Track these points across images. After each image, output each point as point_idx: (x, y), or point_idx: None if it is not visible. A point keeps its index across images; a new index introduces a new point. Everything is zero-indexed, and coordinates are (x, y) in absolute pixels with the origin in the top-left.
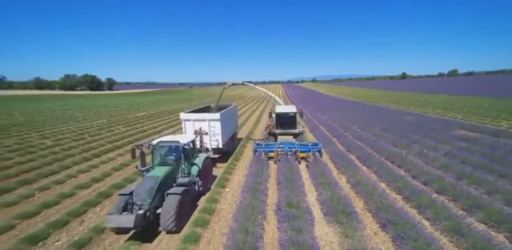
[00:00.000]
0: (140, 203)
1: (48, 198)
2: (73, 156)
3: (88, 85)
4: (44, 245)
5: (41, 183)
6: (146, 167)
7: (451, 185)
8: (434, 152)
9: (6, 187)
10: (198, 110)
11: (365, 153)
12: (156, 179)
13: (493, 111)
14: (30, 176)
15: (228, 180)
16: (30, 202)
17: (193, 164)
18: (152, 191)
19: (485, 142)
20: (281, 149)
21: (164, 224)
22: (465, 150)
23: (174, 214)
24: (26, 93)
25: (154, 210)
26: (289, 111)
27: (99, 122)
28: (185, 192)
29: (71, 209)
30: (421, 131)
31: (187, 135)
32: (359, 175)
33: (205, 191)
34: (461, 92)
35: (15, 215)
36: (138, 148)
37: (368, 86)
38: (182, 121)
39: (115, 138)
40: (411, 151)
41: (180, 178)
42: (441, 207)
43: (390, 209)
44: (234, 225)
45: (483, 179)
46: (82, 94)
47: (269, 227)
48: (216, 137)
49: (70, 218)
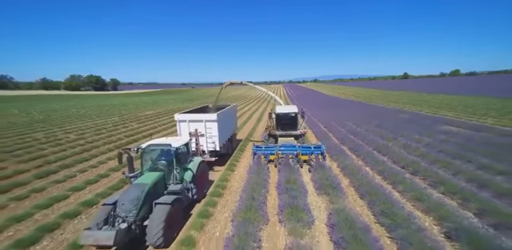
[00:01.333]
0: (124, 214)
1: (89, 177)
2: (98, 147)
3: (93, 85)
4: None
5: (78, 167)
6: (134, 173)
7: (424, 168)
8: (416, 143)
9: (51, 170)
10: (195, 111)
11: (356, 144)
12: (143, 186)
13: (483, 110)
14: (67, 162)
15: (224, 188)
16: (74, 180)
17: (186, 169)
18: (138, 201)
19: (463, 135)
20: (281, 151)
21: (151, 239)
22: (444, 142)
23: (162, 227)
24: (34, 93)
25: (140, 222)
26: (289, 112)
27: (113, 120)
28: (176, 202)
29: (110, 185)
30: (410, 127)
31: (181, 138)
32: (348, 161)
33: (200, 198)
34: (459, 92)
35: (67, 188)
36: (126, 152)
37: (369, 86)
38: (177, 122)
39: (131, 133)
40: (396, 143)
41: (172, 185)
42: (410, 184)
43: (369, 185)
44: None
45: (452, 163)
46: (89, 94)
47: (271, 198)
48: (213, 139)
49: (112, 191)
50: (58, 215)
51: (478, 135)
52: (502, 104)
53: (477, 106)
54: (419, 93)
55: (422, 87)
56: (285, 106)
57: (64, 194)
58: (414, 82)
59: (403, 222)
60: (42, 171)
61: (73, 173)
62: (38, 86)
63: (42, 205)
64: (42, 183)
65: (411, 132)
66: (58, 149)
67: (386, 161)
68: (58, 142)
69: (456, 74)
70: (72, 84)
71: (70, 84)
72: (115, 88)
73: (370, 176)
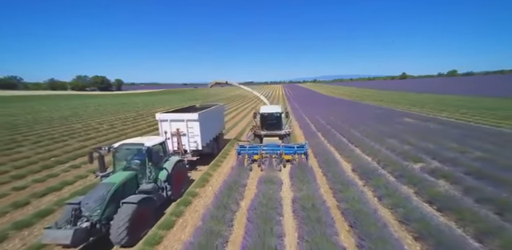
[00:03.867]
0: (88, 214)
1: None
2: (129, 133)
3: (98, 85)
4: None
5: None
6: (105, 173)
7: (364, 142)
8: (371, 129)
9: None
10: (180, 110)
11: (327, 131)
12: (110, 186)
13: (449, 106)
14: (111, 141)
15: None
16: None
17: (162, 169)
18: (103, 201)
19: (412, 124)
20: (265, 151)
21: (115, 238)
22: (393, 128)
23: (126, 226)
24: (44, 93)
25: (106, 221)
26: (274, 111)
27: (131, 115)
28: (144, 201)
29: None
30: (378, 119)
31: (155, 137)
32: (317, 140)
33: (177, 197)
34: (445, 91)
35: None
36: (96, 151)
37: (365, 86)
38: (159, 121)
39: (151, 124)
40: (358, 129)
41: (144, 184)
42: (350, 150)
43: (326, 153)
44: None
45: (385, 140)
46: (95, 94)
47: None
48: (195, 138)
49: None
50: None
51: (422, 124)
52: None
53: (449, 104)
54: (407, 92)
55: (414, 87)
56: (269, 106)
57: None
58: (410, 83)
59: (334, 164)
60: (98, 145)
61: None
62: (46, 87)
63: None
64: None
65: (375, 123)
66: (100, 134)
67: (343, 139)
68: (97, 130)
69: (453, 75)
70: (78, 84)
71: (77, 84)
72: (119, 88)
73: (327, 147)
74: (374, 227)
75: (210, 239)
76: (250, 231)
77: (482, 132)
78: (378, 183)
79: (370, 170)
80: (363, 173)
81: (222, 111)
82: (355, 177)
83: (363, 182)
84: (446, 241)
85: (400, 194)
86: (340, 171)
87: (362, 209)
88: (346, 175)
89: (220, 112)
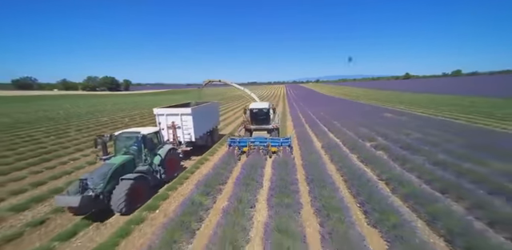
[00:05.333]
0: (93, 186)
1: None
2: (147, 124)
3: (107, 86)
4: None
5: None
6: (107, 156)
7: (344, 133)
8: (353, 122)
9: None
10: (178, 106)
11: (314, 123)
12: (111, 165)
13: (435, 104)
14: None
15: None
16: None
17: (156, 154)
18: (105, 177)
19: (389, 118)
20: (253, 144)
21: (115, 205)
22: (372, 121)
23: (124, 196)
24: (58, 93)
25: (108, 194)
26: (262, 107)
27: (146, 111)
28: (139, 178)
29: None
30: (362, 115)
31: (151, 128)
32: (303, 129)
33: (169, 179)
34: (441, 91)
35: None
36: (100, 138)
37: (366, 86)
38: (156, 116)
39: None
40: (341, 122)
41: (140, 166)
42: (329, 138)
43: (306, 137)
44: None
45: (363, 131)
46: (106, 94)
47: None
48: (188, 131)
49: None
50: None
51: (397, 118)
52: (457, 100)
53: (434, 103)
54: (404, 92)
55: (413, 87)
56: (258, 102)
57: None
58: (412, 83)
59: (309, 143)
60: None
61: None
62: (58, 87)
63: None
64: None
65: (357, 117)
66: (125, 125)
67: (324, 128)
68: (121, 122)
69: (458, 75)
70: (89, 85)
71: (87, 85)
72: (127, 88)
73: (309, 134)
74: (320, 173)
75: (209, 191)
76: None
77: (436, 123)
78: (334, 152)
79: (333, 146)
80: (328, 148)
81: (217, 108)
82: (321, 150)
83: (325, 152)
84: (361, 178)
85: (346, 157)
86: (312, 146)
87: (317, 164)
88: (315, 149)
89: (215, 108)
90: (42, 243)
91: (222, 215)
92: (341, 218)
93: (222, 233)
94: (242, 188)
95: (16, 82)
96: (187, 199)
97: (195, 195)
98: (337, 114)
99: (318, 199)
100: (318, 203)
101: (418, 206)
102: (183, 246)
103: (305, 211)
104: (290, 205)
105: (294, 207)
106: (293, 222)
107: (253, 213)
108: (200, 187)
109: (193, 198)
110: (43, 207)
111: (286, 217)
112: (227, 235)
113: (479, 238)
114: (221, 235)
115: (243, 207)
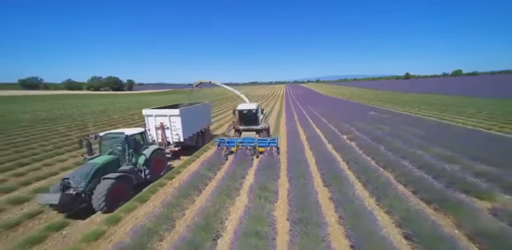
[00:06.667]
0: (75, 185)
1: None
2: None
3: (111, 86)
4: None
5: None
6: (92, 156)
7: (327, 127)
8: (337, 118)
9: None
10: (169, 107)
11: (304, 119)
12: (94, 165)
13: (420, 103)
14: None
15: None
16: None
17: (141, 154)
18: (87, 176)
19: (372, 116)
20: (241, 144)
21: (95, 204)
22: (355, 118)
23: (104, 195)
24: (64, 93)
25: (90, 192)
26: (249, 108)
27: None
28: (120, 178)
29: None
30: (349, 112)
31: (137, 128)
32: (293, 125)
33: (154, 179)
34: (432, 91)
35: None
36: (85, 139)
37: (365, 86)
38: (145, 116)
39: None
40: (327, 118)
41: (124, 165)
42: (313, 131)
43: (294, 130)
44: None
45: (344, 126)
46: (111, 93)
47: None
48: (177, 131)
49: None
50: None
51: (379, 116)
52: (443, 100)
53: (420, 102)
54: (395, 92)
55: (408, 88)
56: (246, 104)
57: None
58: (409, 83)
59: (296, 135)
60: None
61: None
62: (63, 87)
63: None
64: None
65: (345, 115)
66: (135, 122)
67: (312, 124)
68: (132, 119)
69: (458, 74)
70: (93, 85)
71: (92, 85)
72: (130, 88)
73: (297, 128)
74: (299, 156)
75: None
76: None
77: (411, 119)
78: (314, 142)
79: (315, 137)
80: (311, 139)
81: (209, 108)
82: (305, 141)
83: (308, 142)
84: (329, 159)
85: (322, 146)
86: (297, 138)
87: (299, 150)
88: (300, 140)
89: (206, 109)
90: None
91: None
92: (305, 182)
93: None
94: (236, 166)
95: (23, 82)
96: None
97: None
98: (327, 111)
99: (293, 172)
100: (292, 174)
101: (361, 175)
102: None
103: (281, 180)
104: (270, 175)
105: (274, 176)
106: (271, 185)
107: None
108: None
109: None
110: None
111: (266, 182)
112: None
113: (393, 191)
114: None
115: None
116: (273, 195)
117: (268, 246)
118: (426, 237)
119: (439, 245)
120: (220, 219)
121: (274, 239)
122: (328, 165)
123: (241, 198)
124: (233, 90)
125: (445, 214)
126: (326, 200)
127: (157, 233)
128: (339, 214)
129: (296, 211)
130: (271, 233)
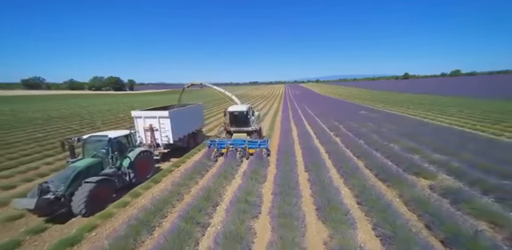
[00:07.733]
0: (54, 189)
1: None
2: None
3: (113, 86)
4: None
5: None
6: (75, 159)
7: (318, 125)
8: (330, 117)
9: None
10: (160, 109)
11: (298, 117)
12: (74, 168)
13: (410, 103)
14: None
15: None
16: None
17: (126, 157)
18: (67, 180)
19: (363, 115)
20: (232, 145)
21: (75, 208)
22: (345, 117)
23: (84, 199)
24: (70, 93)
25: (70, 196)
26: (240, 110)
27: None
28: (102, 181)
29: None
30: (341, 111)
31: (121, 131)
32: (287, 123)
33: (139, 182)
34: (425, 91)
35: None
36: (68, 142)
37: (363, 86)
38: (134, 118)
39: None
40: (320, 116)
41: (107, 169)
42: (305, 128)
43: (288, 128)
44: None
45: (333, 124)
46: (112, 93)
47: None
48: (166, 133)
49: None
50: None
51: (368, 115)
52: (433, 100)
53: (411, 102)
54: (391, 92)
55: (403, 88)
56: (237, 105)
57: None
58: (406, 83)
59: (289, 132)
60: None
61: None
62: (65, 87)
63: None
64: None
65: (337, 113)
66: None
67: (304, 122)
68: None
69: (456, 75)
70: (95, 85)
71: (93, 85)
72: (131, 88)
73: (291, 126)
74: (289, 150)
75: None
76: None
77: (397, 118)
78: (304, 138)
79: (305, 133)
80: (301, 135)
81: (201, 110)
82: (296, 137)
83: (298, 138)
84: (314, 151)
85: (310, 140)
86: (289, 134)
87: (289, 144)
88: (291, 136)
89: (198, 110)
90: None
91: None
92: (290, 168)
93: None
94: (231, 159)
95: (26, 82)
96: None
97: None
98: (321, 111)
99: (281, 161)
100: (280, 162)
101: (338, 162)
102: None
103: (270, 167)
104: (262, 163)
105: (265, 164)
106: (261, 171)
107: (238, 168)
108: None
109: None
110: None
111: (258, 168)
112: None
113: (360, 174)
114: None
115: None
116: (262, 178)
117: (255, 209)
118: (371, 202)
119: (379, 206)
120: (219, 194)
121: (259, 205)
122: (312, 156)
123: (236, 180)
124: (224, 92)
125: (393, 189)
126: (305, 181)
127: (170, 203)
128: (312, 190)
129: (279, 187)
130: (258, 201)
